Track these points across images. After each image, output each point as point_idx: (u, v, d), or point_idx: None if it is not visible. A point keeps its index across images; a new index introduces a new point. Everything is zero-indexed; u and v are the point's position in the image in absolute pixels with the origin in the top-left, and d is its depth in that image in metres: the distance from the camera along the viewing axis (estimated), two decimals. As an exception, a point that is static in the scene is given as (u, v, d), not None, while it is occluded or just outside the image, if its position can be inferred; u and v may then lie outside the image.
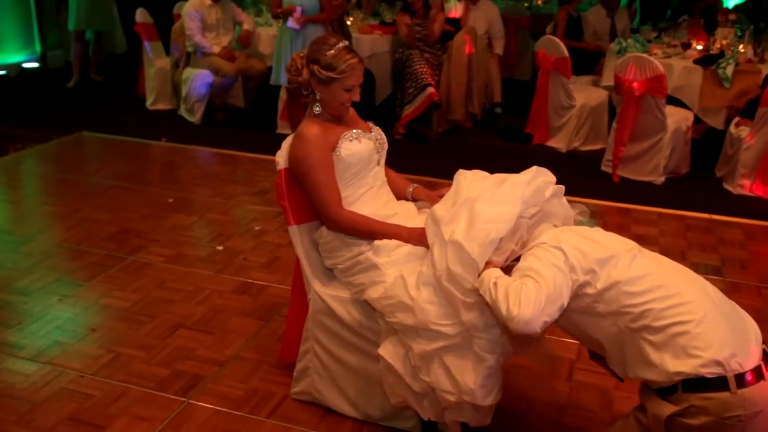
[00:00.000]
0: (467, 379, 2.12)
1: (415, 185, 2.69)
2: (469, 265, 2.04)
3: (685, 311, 1.86)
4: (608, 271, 1.94)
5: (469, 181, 2.28)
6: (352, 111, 2.59)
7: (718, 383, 1.80)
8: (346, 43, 2.45)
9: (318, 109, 2.46)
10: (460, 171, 2.35)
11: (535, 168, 2.23)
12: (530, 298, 1.87)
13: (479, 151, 6.00)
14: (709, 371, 1.80)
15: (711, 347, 1.81)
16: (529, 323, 1.86)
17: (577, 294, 1.96)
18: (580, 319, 2.02)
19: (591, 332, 2.03)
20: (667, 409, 1.86)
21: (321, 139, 2.41)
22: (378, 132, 2.60)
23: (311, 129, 2.43)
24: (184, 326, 3.16)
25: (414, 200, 2.65)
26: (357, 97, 2.45)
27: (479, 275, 2.03)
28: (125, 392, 2.70)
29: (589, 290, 1.95)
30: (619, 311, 1.92)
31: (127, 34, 8.19)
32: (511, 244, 2.07)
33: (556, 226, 2.18)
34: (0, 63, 8.01)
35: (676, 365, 1.82)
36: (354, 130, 2.49)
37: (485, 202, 2.11)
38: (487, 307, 2.04)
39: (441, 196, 2.40)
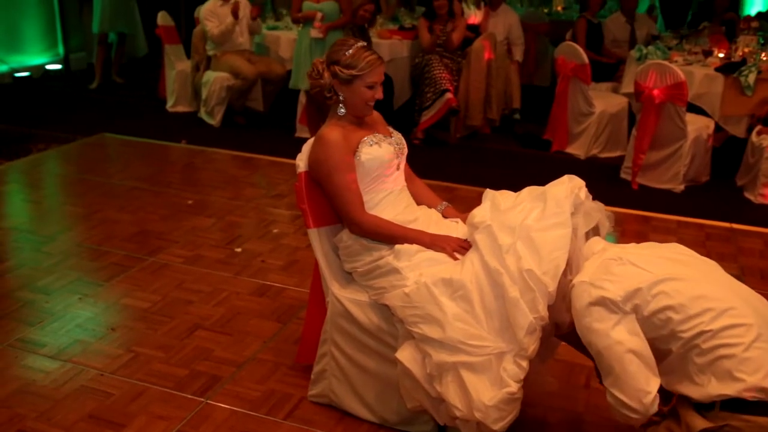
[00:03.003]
0: (483, 396, 2.09)
1: (446, 204, 2.69)
2: (544, 294, 2.08)
3: (736, 334, 1.82)
4: (656, 297, 1.92)
5: (504, 196, 2.33)
6: (376, 114, 2.61)
7: (759, 407, 1.78)
8: (364, 43, 2.48)
9: (342, 110, 2.48)
10: (488, 190, 2.41)
11: (567, 177, 2.29)
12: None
13: (497, 157, 6.00)
14: (752, 395, 1.77)
15: (758, 372, 1.78)
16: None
17: None
18: None
19: None
20: (702, 423, 1.84)
21: (342, 142, 2.43)
22: (398, 137, 2.61)
23: (332, 132, 2.45)
24: (203, 327, 3.19)
25: (443, 212, 2.66)
26: (380, 95, 2.46)
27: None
28: (144, 391, 2.72)
29: (637, 317, 1.95)
30: (669, 336, 1.91)
31: (148, 37, 8.29)
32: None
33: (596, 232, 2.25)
34: (24, 65, 8.11)
35: (720, 388, 1.81)
36: (374, 135, 2.50)
37: (540, 229, 2.14)
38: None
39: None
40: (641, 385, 1.92)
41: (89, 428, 2.52)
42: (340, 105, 2.48)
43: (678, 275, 1.95)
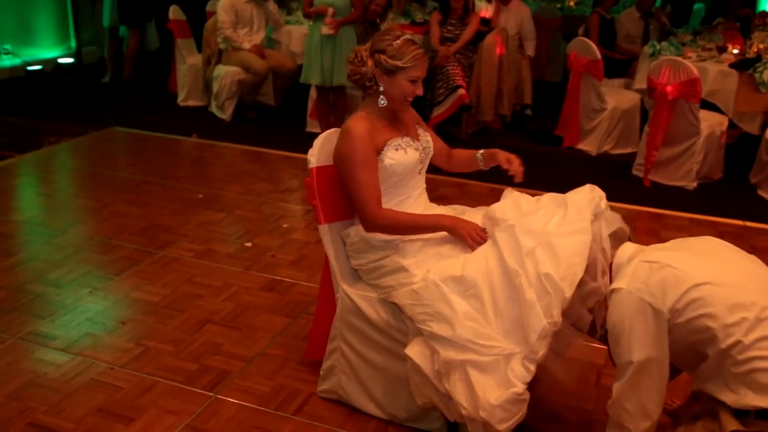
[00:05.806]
0: (489, 395, 2.08)
1: (483, 151, 2.67)
2: (561, 300, 2.06)
3: None
4: (694, 301, 1.90)
5: (526, 199, 2.33)
6: (413, 113, 2.58)
7: None
8: (411, 35, 2.43)
9: (383, 101, 2.42)
10: (509, 188, 2.43)
11: (588, 186, 2.28)
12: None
13: (508, 152, 5.95)
14: None
15: None
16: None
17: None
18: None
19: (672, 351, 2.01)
20: (735, 425, 1.85)
21: (368, 138, 2.38)
22: (425, 140, 2.57)
23: (358, 126, 2.40)
24: (212, 321, 3.19)
25: (484, 158, 2.65)
26: (420, 91, 2.43)
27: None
28: (154, 385, 2.73)
29: (675, 321, 1.93)
30: (708, 340, 1.89)
31: (159, 31, 8.30)
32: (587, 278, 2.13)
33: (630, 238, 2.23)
34: (36, 58, 8.14)
35: (755, 399, 1.80)
36: (402, 138, 2.46)
37: (560, 235, 2.12)
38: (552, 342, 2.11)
39: (508, 159, 2.53)
40: (653, 410, 2.00)
41: (98, 422, 2.52)
42: (381, 96, 2.42)
43: (715, 279, 1.92)
